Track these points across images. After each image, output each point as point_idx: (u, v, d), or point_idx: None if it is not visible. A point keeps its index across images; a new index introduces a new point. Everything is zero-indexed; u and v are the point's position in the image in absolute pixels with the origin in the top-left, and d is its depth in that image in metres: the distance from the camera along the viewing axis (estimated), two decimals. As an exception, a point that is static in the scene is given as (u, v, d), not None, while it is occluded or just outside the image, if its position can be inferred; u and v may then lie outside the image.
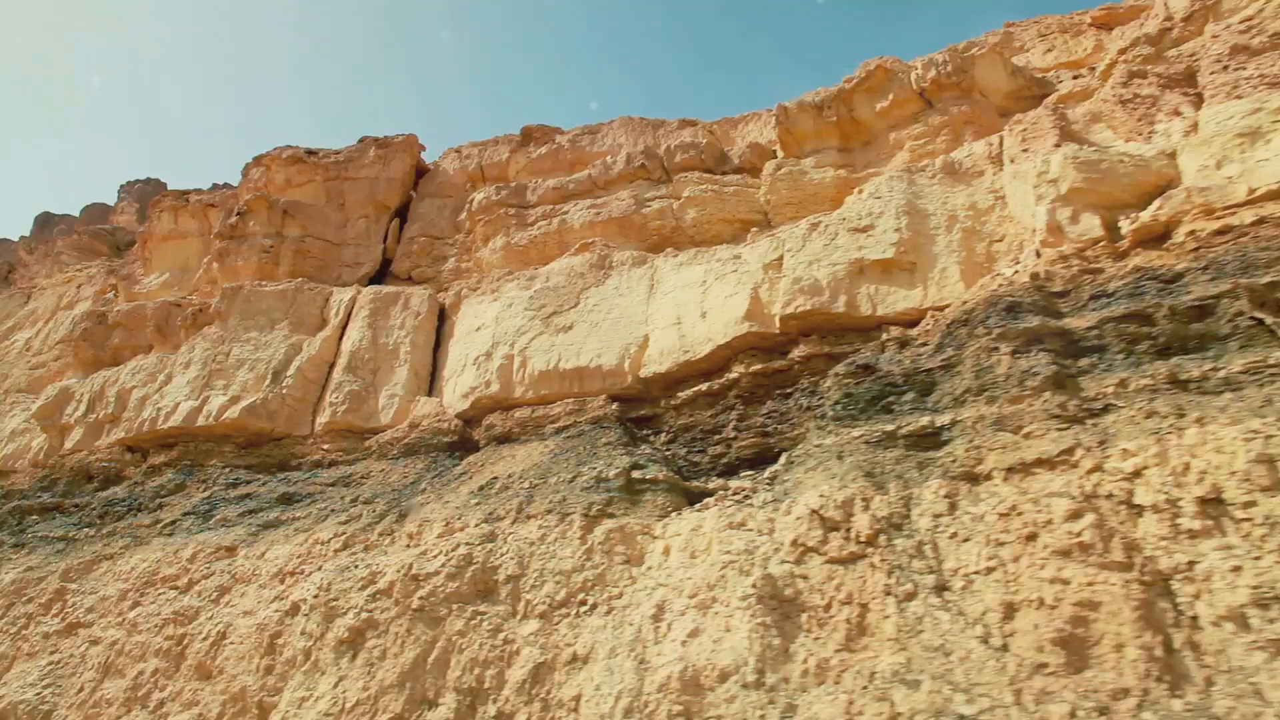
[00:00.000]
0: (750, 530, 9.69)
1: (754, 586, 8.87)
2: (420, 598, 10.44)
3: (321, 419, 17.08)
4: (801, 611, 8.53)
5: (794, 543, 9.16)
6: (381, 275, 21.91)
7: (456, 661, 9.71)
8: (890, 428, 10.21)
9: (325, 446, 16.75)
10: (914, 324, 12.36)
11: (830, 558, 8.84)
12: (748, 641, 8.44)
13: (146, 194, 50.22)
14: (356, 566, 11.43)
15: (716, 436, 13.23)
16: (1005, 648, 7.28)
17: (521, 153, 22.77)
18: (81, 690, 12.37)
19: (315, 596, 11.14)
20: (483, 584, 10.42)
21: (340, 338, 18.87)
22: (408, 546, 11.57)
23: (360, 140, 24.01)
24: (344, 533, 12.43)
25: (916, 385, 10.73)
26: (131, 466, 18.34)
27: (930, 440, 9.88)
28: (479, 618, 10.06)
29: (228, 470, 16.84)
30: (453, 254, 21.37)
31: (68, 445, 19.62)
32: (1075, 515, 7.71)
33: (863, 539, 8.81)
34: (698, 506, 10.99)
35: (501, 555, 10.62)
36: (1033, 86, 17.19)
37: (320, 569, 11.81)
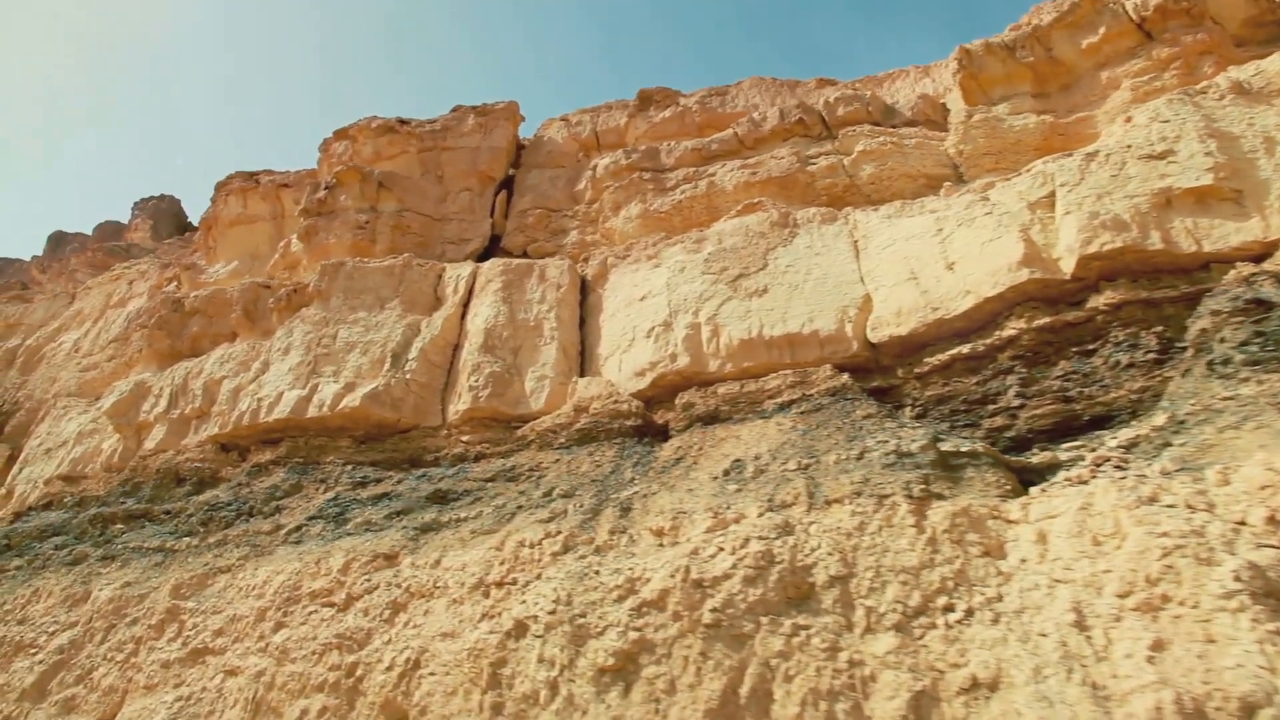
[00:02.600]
0: (1177, 507, 7.24)
1: (1237, 580, 6.41)
2: (712, 610, 7.93)
3: (457, 406, 14.58)
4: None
5: (1271, 519, 6.71)
6: (489, 252, 19.53)
7: (786, 694, 7.20)
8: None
9: (465, 438, 14.24)
10: (1257, 259, 10.00)
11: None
12: (1262, 657, 5.98)
13: (160, 210, 48.19)
14: (599, 572, 8.92)
15: (991, 407, 10.79)
16: None
17: (640, 117, 20.51)
18: (226, 735, 9.79)
19: (551, 613, 8.62)
20: (795, 588, 7.92)
21: (463, 316, 16.45)
22: (661, 545, 9.07)
23: (454, 109, 21.76)
24: (556, 532, 9.92)
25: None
26: (229, 466, 15.80)
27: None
28: (802, 633, 7.56)
29: (349, 468, 14.33)
30: (574, 226, 19.01)
31: (148, 445, 17.08)
32: None
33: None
34: (1047, 484, 8.55)
35: (813, 551, 8.13)
36: (1276, 10, 14.98)
37: (541, 577, 9.29)
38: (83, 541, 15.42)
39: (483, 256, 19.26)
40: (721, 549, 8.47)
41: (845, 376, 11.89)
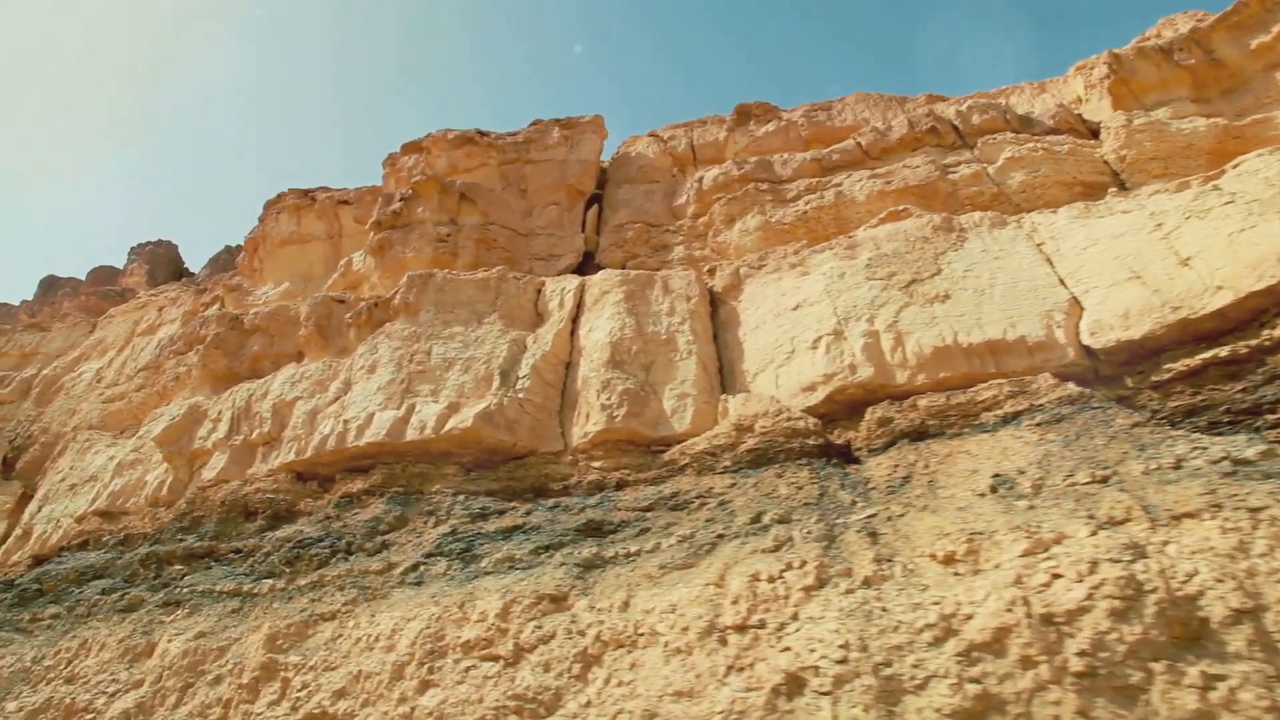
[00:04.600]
0: None
1: None
2: (1080, 653, 6.10)
3: (585, 427, 12.74)
4: None
5: None
6: (582, 269, 17.94)
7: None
8: None
9: (598, 464, 12.35)
10: None
11: None
12: None
13: (158, 255, 46.62)
14: (886, 609, 7.04)
15: (1270, 418, 9.18)
16: None
17: (740, 131, 19.33)
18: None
19: (841, 662, 6.72)
20: (1182, 625, 6.12)
21: (572, 332, 14.75)
22: (959, 574, 7.22)
23: (534, 122, 20.47)
24: (797, 563, 8.03)
25: None
26: (308, 498, 13.70)
27: None
28: (1219, 685, 5.73)
29: (461, 498, 12.35)
30: (677, 241, 17.53)
31: (207, 476, 14.92)
32: None
33: None
34: None
35: (1190, 578, 6.34)
36: None
37: (799, 618, 7.38)
38: (134, 585, 13.15)
39: (577, 274, 17.68)
40: (1057, 575, 6.66)
41: (1071, 385, 10.29)
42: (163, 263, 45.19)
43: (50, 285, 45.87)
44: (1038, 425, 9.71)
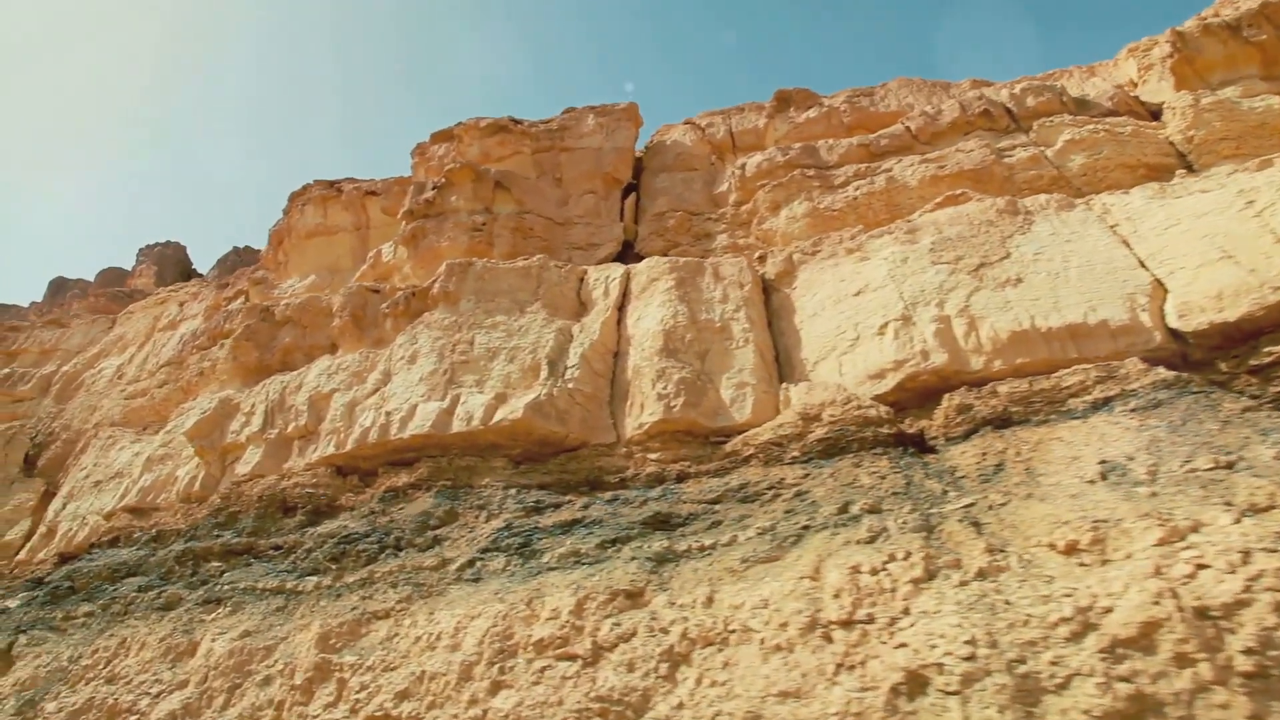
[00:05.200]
0: None
1: None
2: (1246, 650, 5.59)
3: (640, 418, 12.26)
4: None
5: None
6: (620, 258, 17.46)
7: None
8: None
9: (655, 455, 11.87)
10: None
11: None
12: None
13: (166, 257, 46.52)
14: (1010, 602, 6.55)
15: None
16: None
17: (780, 118, 18.86)
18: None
19: (968, 659, 6.22)
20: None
21: (618, 321, 14.28)
22: (1084, 564, 6.71)
23: (566, 110, 20.01)
24: (901, 554, 7.54)
25: None
26: (349, 493, 13.23)
27: None
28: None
29: (513, 491, 11.86)
30: (720, 229, 17.04)
31: (241, 470, 14.45)
32: None
33: None
34: None
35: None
36: None
37: (911, 612, 6.89)
38: (171, 582, 12.68)
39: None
40: (1203, 565, 6.16)
41: (1163, 370, 9.79)
42: (171, 264, 44.91)
43: (59, 287, 45.66)
44: (1133, 411, 9.19)
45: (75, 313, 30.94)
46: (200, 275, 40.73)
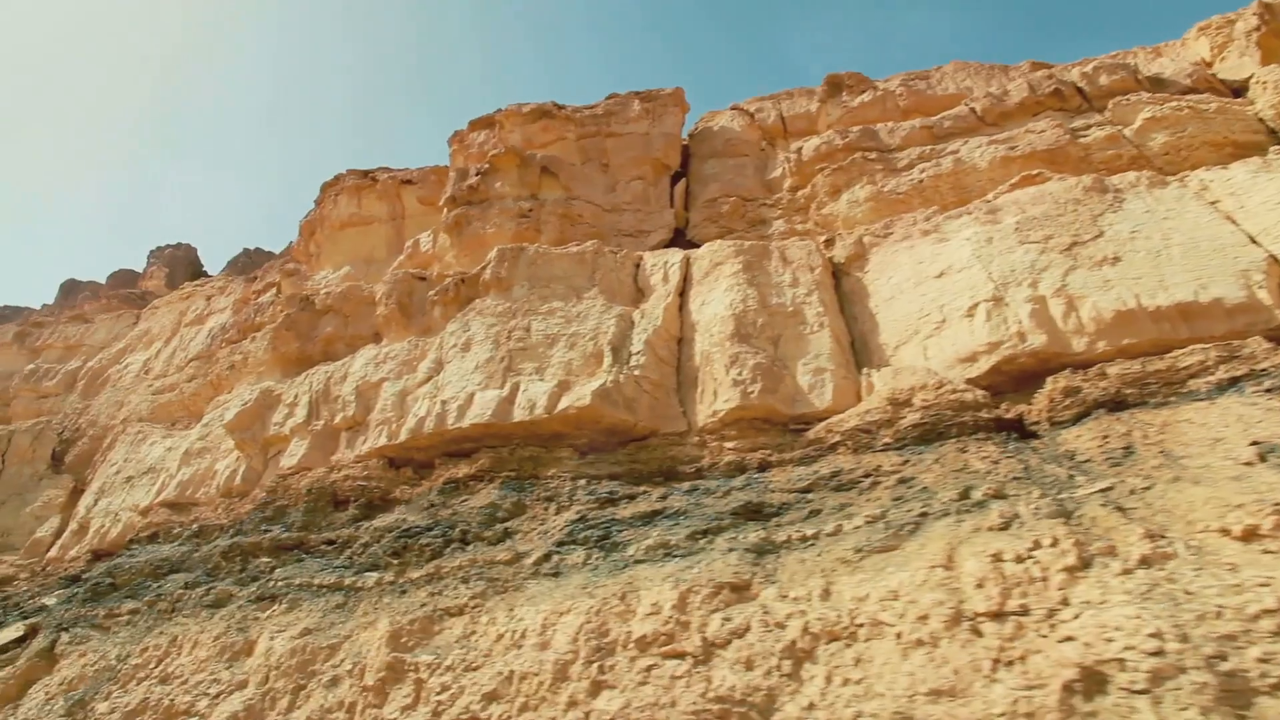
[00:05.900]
0: None
1: None
2: None
3: (714, 405, 11.65)
4: None
5: None
6: (671, 245, 16.87)
7: None
8: None
9: (731, 444, 11.26)
10: None
11: None
12: None
13: (177, 258, 46.04)
14: (1190, 591, 5.94)
15: None
16: None
17: (833, 103, 18.27)
18: None
19: (1155, 654, 5.61)
20: None
21: (680, 306, 13.70)
22: (1268, 550, 6.10)
23: (610, 96, 19.45)
24: (1048, 541, 6.92)
25: None
26: (404, 485, 12.64)
27: None
28: None
29: (583, 482, 11.27)
30: (775, 214, 16.46)
31: (286, 463, 13.87)
32: None
33: None
34: None
35: None
36: None
37: (1071, 603, 6.28)
38: (219, 579, 12.09)
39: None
40: None
41: (1287, 349, 9.18)
42: (181, 265, 44.40)
43: (71, 289, 45.17)
44: (1267, 391, 8.58)
45: (87, 314, 30.49)
46: (210, 277, 40.34)
